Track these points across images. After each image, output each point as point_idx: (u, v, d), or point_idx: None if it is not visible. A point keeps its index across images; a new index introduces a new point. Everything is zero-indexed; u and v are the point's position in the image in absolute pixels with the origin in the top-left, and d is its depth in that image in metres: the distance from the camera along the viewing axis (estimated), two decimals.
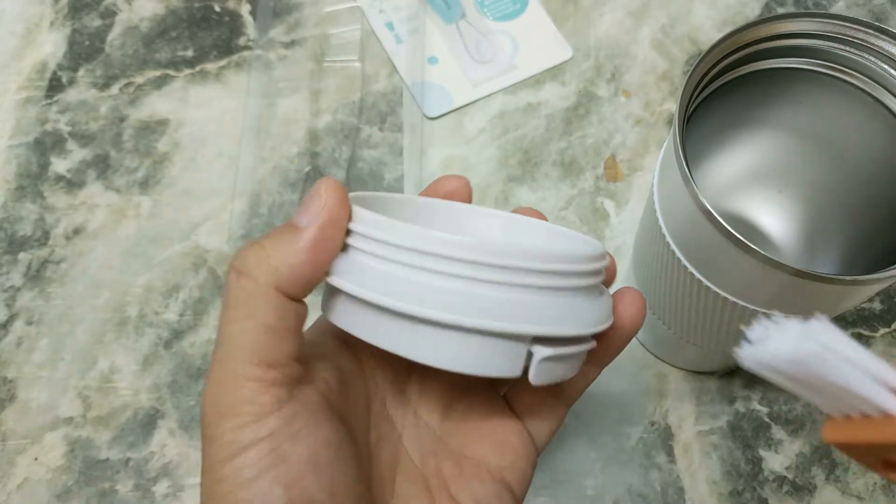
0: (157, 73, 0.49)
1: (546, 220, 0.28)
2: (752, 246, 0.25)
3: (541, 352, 0.21)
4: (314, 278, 0.22)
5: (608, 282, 0.26)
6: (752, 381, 0.41)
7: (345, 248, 0.22)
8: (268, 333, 0.21)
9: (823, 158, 0.36)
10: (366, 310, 0.22)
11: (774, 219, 0.40)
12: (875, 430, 0.18)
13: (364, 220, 0.22)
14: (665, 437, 0.40)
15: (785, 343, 0.19)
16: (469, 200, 0.28)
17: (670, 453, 0.39)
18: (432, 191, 0.28)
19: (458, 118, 0.47)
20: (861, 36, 0.29)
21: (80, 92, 0.48)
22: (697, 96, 0.29)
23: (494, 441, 0.26)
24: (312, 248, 0.21)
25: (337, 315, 0.23)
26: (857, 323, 0.42)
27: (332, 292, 0.23)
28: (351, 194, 0.24)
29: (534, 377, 0.22)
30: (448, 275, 0.21)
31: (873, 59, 0.29)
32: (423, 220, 0.27)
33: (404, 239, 0.21)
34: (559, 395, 0.27)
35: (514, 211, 0.28)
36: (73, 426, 0.40)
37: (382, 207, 0.26)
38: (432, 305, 0.20)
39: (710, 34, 0.49)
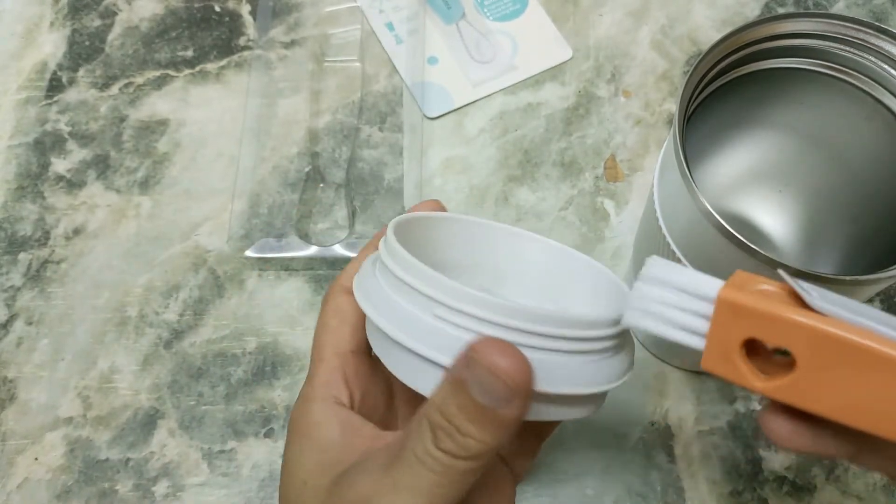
0: (157, 73, 0.49)
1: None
2: (753, 246, 0.25)
3: None
4: None
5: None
6: None
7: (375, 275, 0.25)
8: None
9: (823, 158, 0.36)
10: (381, 335, 0.24)
11: (774, 219, 0.40)
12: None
13: (399, 259, 0.24)
14: (665, 437, 0.40)
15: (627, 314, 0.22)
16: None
17: (670, 453, 0.39)
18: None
19: (458, 118, 0.47)
20: (861, 36, 0.29)
21: (80, 92, 0.48)
22: (697, 96, 0.30)
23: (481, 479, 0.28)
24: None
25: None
26: None
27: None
28: (396, 220, 0.27)
29: None
30: (447, 321, 0.23)
31: (873, 59, 0.29)
32: (483, 245, 0.30)
33: (426, 286, 0.23)
34: (533, 432, 0.29)
35: (415, 207, 0.30)
36: (73, 426, 0.40)
37: (428, 230, 0.28)
38: (432, 346, 0.23)
39: (710, 34, 0.49)
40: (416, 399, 0.26)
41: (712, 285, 0.21)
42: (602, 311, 0.27)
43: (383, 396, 0.29)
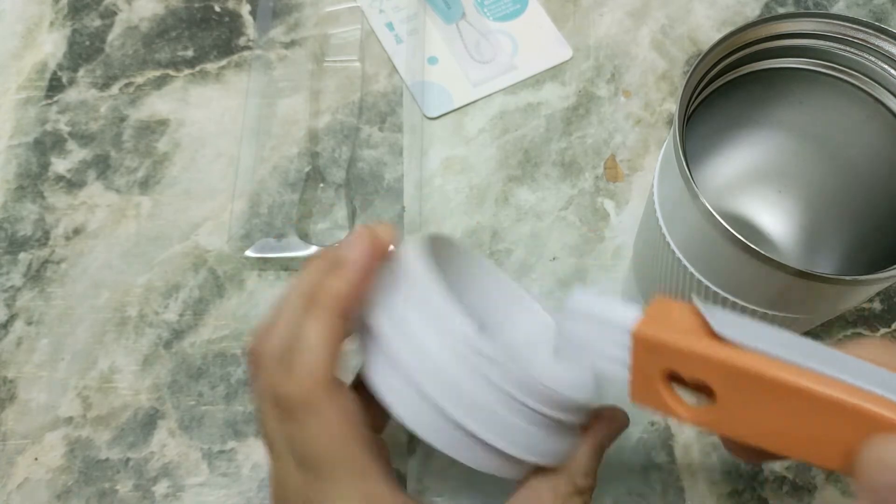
0: (157, 73, 0.49)
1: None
2: (752, 246, 0.25)
3: None
4: None
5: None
6: None
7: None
8: None
9: (823, 158, 0.36)
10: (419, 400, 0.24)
11: (774, 219, 0.40)
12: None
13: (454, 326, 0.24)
14: (665, 437, 0.40)
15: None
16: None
17: (670, 453, 0.39)
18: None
19: (458, 118, 0.47)
20: (861, 36, 0.29)
21: (80, 92, 0.48)
22: (697, 96, 0.30)
23: None
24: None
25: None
26: (857, 323, 0.42)
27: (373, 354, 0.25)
28: (431, 234, 0.27)
29: None
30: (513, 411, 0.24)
31: (873, 59, 0.29)
32: (483, 288, 0.31)
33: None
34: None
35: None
36: (73, 426, 0.40)
37: (456, 258, 0.29)
38: (490, 431, 0.24)
39: (710, 34, 0.49)
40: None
41: (630, 318, 0.21)
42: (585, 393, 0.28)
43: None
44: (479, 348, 0.23)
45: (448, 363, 0.23)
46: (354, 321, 0.26)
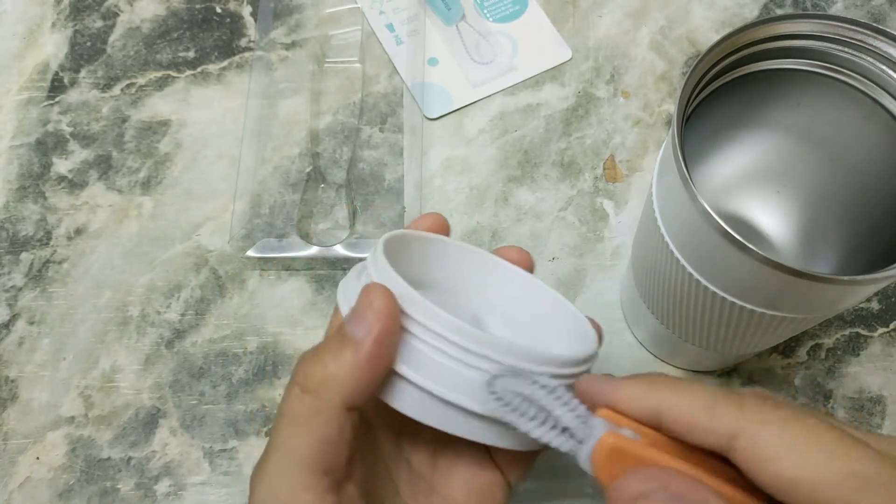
0: (159, 73, 0.49)
1: (531, 259, 0.32)
2: (750, 246, 0.25)
3: None
4: (373, 388, 0.24)
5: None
6: (750, 380, 0.41)
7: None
8: (329, 445, 0.23)
9: (821, 159, 0.36)
10: (421, 394, 0.25)
11: (772, 219, 0.40)
12: None
13: (421, 310, 0.24)
14: None
15: None
16: (446, 232, 0.31)
17: None
18: (414, 226, 0.31)
19: (458, 119, 0.48)
20: (859, 37, 0.29)
21: (82, 93, 0.48)
22: (696, 97, 0.30)
23: (476, 487, 0.29)
24: (370, 363, 0.23)
25: (393, 397, 0.25)
26: (854, 323, 0.42)
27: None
28: (387, 235, 0.27)
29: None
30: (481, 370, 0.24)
31: (871, 60, 0.30)
32: (455, 266, 0.31)
33: (458, 337, 0.24)
34: None
35: (498, 250, 0.32)
36: (75, 425, 0.40)
37: (418, 249, 0.30)
38: (479, 401, 0.24)
39: (709, 35, 0.50)
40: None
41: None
42: (574, 349, 0.29)
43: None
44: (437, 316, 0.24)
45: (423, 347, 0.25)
46: None
